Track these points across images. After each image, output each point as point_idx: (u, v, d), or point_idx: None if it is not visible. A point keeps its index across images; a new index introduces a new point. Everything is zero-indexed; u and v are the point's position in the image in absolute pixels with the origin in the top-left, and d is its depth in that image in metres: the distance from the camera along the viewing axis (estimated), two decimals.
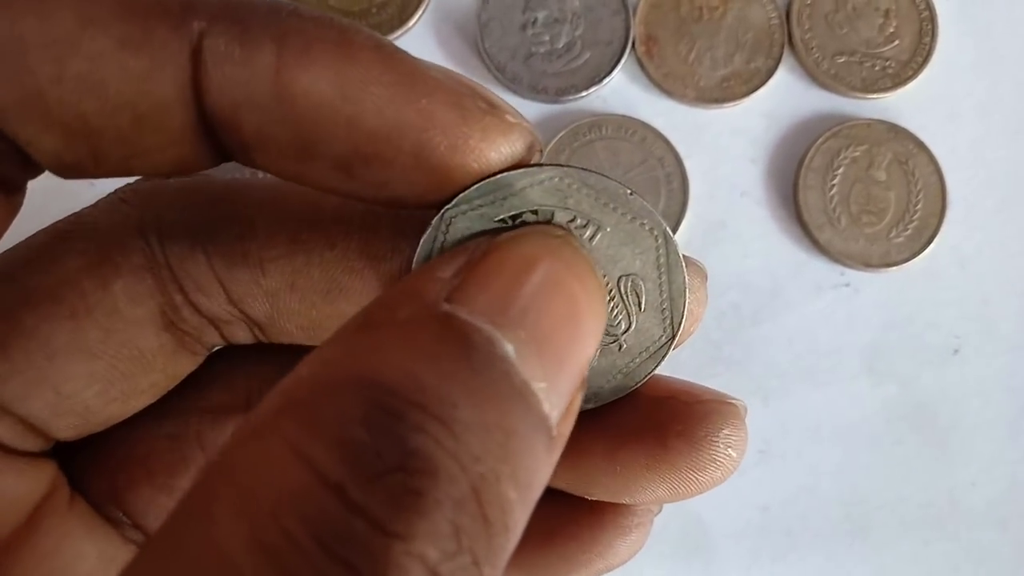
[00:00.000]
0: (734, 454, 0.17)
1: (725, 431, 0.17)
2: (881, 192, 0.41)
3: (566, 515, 0.19)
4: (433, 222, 0.16)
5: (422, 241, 0.16)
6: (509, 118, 0.15)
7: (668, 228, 0.16)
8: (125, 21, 0.14)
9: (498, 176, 0.16)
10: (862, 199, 0.41)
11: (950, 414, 0.41)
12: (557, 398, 0.14)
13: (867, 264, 0.41)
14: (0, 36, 0.14)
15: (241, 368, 0.21)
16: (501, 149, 0.15)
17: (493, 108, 0.15)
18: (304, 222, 0.19)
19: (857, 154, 0.41)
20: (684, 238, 0.41)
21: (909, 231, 0.41)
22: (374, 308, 0.14)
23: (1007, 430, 0.40)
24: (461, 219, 0.16)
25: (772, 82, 0.42)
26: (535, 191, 0.16)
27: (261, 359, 0.22)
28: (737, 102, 0.42)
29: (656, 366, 0.17)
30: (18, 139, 0.15)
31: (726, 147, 0.42)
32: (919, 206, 0.41)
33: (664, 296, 0.17)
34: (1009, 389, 0.41)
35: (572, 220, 0.16)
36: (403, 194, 0.16)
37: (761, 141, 0.42)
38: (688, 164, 0.41)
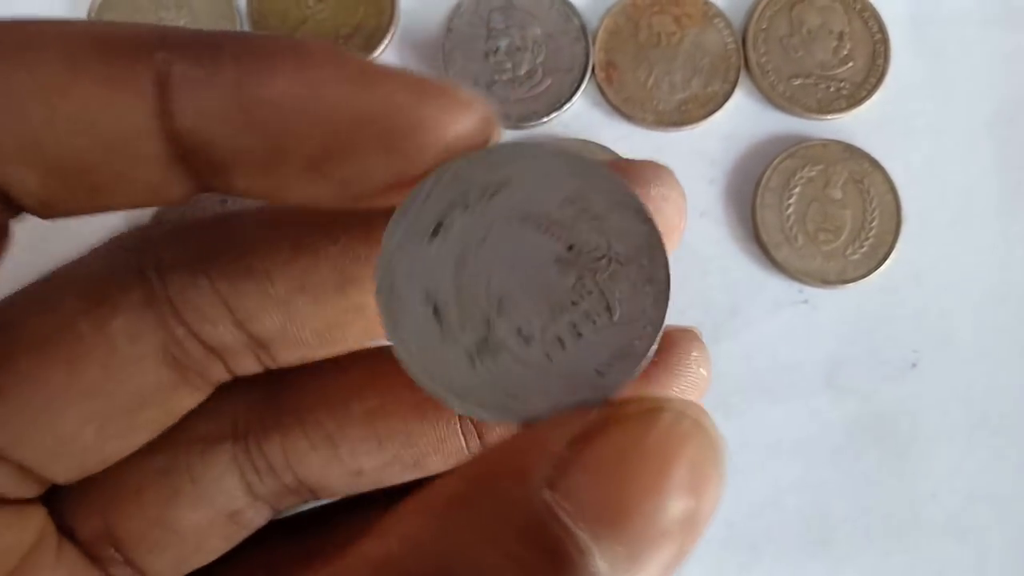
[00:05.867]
0: (705, 372, 0.19)
1: (694, 353, 0.19)
2: (837, 210, 0.42)
3: None
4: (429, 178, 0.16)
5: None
6: (462, 94, 0.16)
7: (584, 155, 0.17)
8: (104, 63, 0.15)
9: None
10: (819, 218, 0.42)
11: (909, 427, 0.41)
12: None
13: (824, 281, 0.42)
14: None
15: (224, 397, 0.22)
16: (459, 121, 0.16)
17: (446, 88, 0.16)
18: (303, 227, 0.20)
19: (813, 174, 0.42)
20: None
21: (865, 248, 0.42)
22: (472, 479, 0.14)
23: (965, 442, 0.41)
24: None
25: (729, 105, 0.43)
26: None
27: (242, 387, 0.22)
28: (695, 125, 0.43)
29: (658, 334, 0.16)
30: (4, 180, 0.15)
31: (685, 169, 0.43)
32: (875, 223, 0.42)
33: (641, 244, 0.16)
34: (966, 401, 0.41)
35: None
36: (376, 184, 0.16)
37: (719, 163, 0.43)
38: None
